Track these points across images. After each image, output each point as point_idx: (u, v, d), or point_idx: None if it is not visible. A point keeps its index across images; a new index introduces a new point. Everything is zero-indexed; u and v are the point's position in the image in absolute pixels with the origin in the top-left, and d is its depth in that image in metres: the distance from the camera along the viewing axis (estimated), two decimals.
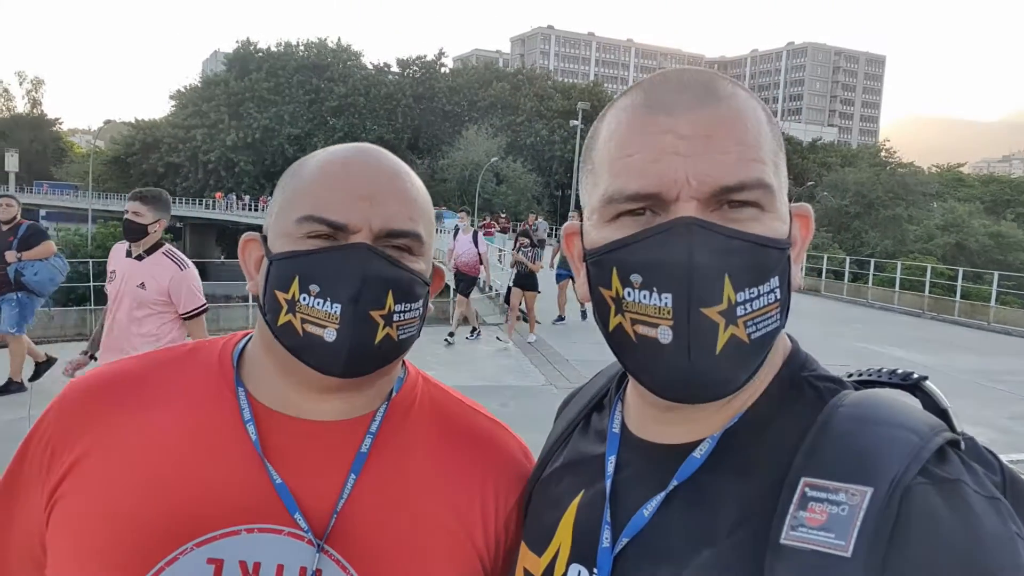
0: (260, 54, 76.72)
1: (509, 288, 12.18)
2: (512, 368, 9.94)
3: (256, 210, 62.50)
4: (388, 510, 0.86)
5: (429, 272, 0.90)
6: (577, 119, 50.08)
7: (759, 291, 0.68)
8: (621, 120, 0.74)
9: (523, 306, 11.86)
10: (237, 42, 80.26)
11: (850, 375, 0.77)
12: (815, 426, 0.66)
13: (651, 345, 0.68)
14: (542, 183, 67.05)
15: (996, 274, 19.48)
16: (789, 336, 0.78)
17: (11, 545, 0.91)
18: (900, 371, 0.74)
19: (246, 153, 70.02)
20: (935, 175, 62.91)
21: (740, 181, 0.68)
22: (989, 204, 46.00)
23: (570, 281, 12.17)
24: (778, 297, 0.70)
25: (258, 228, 0.92)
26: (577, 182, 0.84)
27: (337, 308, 0.80)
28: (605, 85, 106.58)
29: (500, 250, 23.48)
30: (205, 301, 4.38)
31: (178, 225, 70.45)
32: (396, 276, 0.83)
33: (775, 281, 0.69)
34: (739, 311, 0.67)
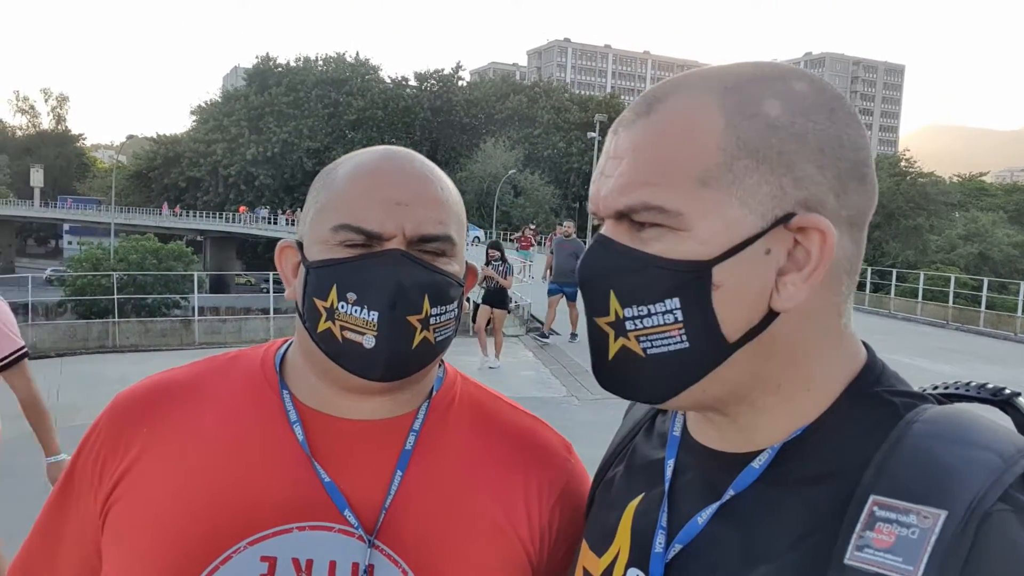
0: (280, 69, 77.47)
1: (476, 305, 10.93)
2: (534, 380, 9.92)
3: (275, 223, 63.00)
4: (435, 505, 0.88)
5: (463, 272, 0.92)
6: (595, 131, 50.11)
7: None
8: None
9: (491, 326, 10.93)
10: (257, 57, 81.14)
11: (935, 387, 0.73)
12: (887, 442, 0.62)
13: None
14: (560, 195, 67.09)
15: (1023, 284, 19.22)
16: (867, 346, 0.73)
17: (62, 555, 0.93)
18: (990, 385, 0.70)
19: (266, 167, 70.57)
20: (956, 185, 62.32)
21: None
22: (1013, 213, 45.46)
23: (563, 296, 11.98)
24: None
25: (277, 241, 0.95)
26: None
27: (375, 315, 0.82)
28: (622, 97, 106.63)
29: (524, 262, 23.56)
30: (23, 344, 3.22)
31: (199, 239, 71.15)
32: (431, 280, 0.85)
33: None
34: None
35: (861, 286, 24.82)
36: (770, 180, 0.65)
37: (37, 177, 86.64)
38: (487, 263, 10.81)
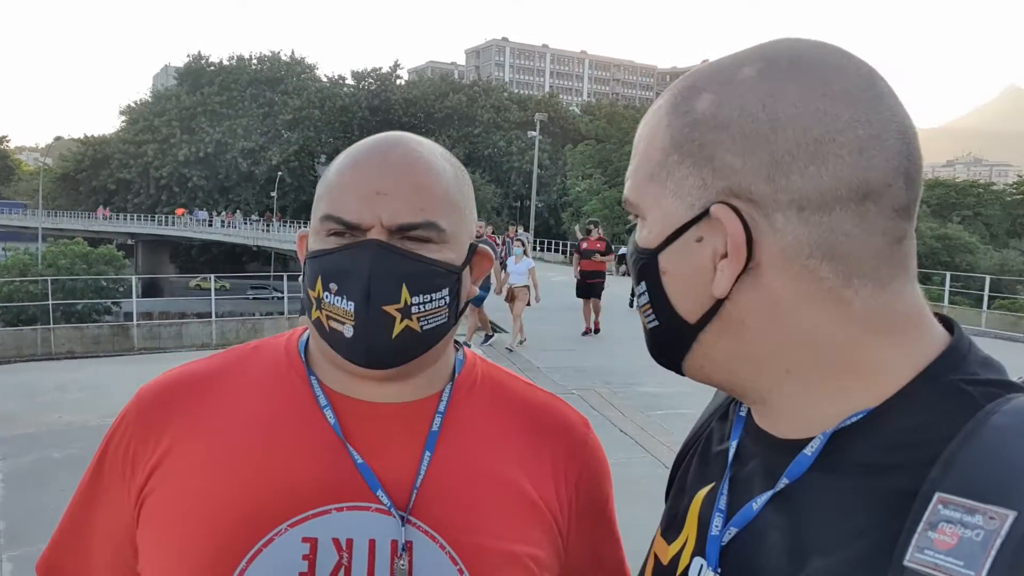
0: (212, 68, 75.91)
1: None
2: None
3: (211, 226, 61.58)
4: (465, 481, 0.90)
5: (462, 258, 0.91)
6: (535, 130, 50.35)
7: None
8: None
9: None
10: (188, 56, 79.14)
11: None
12: (960, 433, 0.58)
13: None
14: (501, 194, 67.21)
15: (948, 275, 20.03)
16: (956, 331, 0.69)
17: (94, 549, 0.94)
18: None
19: (199, 168, 69.01)
20: None
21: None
22: (935, 207, 47.16)
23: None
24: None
25: (214, 244, 0.97)
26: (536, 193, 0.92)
27: (351, 305, 0.84)
28: (560, 96, 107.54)
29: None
30: None
31: (130, 242, 69.10)
32: (410, 269, 0.86)
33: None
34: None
35: None
36: (694, 173, 0.67)
37: None
38: None
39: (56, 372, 10.78)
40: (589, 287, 13.16)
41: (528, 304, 11.80)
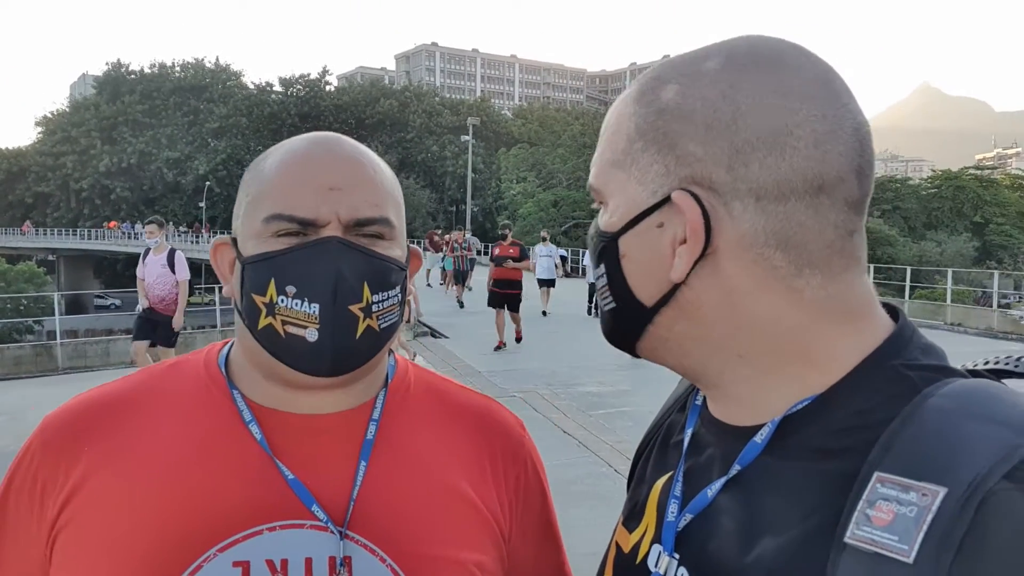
0: (133, 76, 73.85)
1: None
2: None
3: (136, 238, 59.70)
4: (403, 490, 0.87)
5: (405, 256, 0.90)
6: (468, 134, 50.33)
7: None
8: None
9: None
10: (107, 64, 76.86)
11: (985, 363, 0.72)
12: (899, 416, 0.60)
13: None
14: (436, 199, 67.02)
15: (872, 267, 20.73)
16: (899, 317, 0.71)
17: None
18: None
19: (122, 179, 66.97)
20: None
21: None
22: None
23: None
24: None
25: (137, 257, 0.91)
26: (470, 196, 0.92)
27: (316, 308, 0.80)
28: (492, 100, 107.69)
29: (428, 270, 23.12)
30: None
31: (51, 258, 66.51)
32: (370, 267, 0.83)
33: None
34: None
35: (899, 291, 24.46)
36: (658, 160, 0.69)
37: None
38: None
39: None
40: (501, 297, 12.01)
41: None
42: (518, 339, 12.41)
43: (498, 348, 11.85)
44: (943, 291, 22.15)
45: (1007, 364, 0.70)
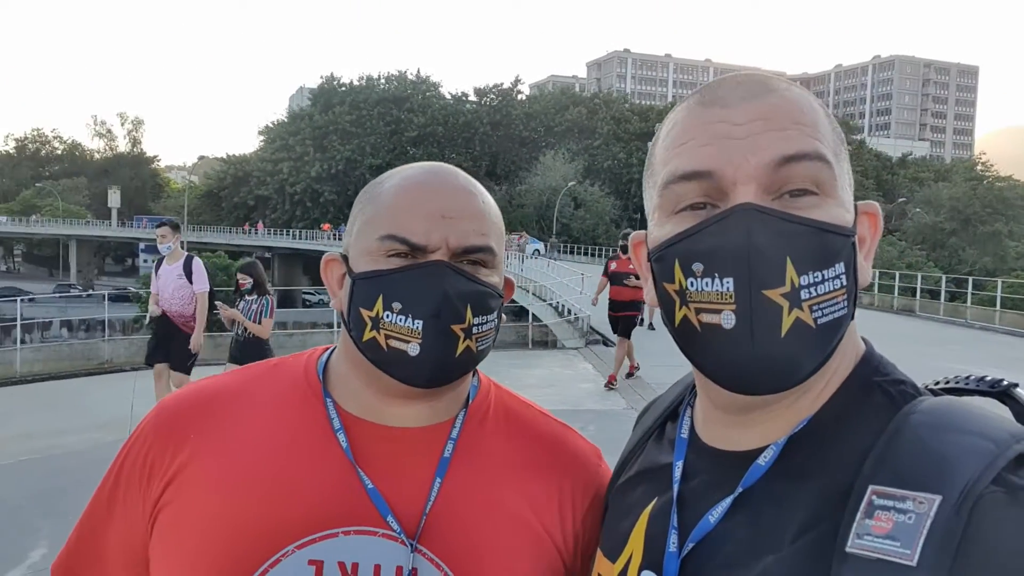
0: (343, 88, 79.12)
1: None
2: (593, 392, 9.84)
3: (340, 239, 63.87)
4: (474, 510, 0.90)
5: (502, 284, 0.94)
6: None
7: (823, 275, 0.67)
8: (676, 120, 0.76)
9: None
10: (321, 77, 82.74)
11: (936, 383, 0.75)
12: (886, 433, 0.65)
13: (715, 332, 0.68)
14: (620, 206, 66.72)
15: None
16: (865, 340, 0.76)
17: (108, 556, 0.95)
18: (988, 378, 0.72)
19: (330, 184, 71.97)
20: None
21: (799, 150, 0.68)
22: None
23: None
24: (844, 284, 0.69)
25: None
26: (642, 193, 0.85)
27: (419, 324, 0.84)
28: None
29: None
30: None
31: (267, 255, 72.96)
32: (474, 291, 0.87)
33: (840, 267, 0.68)
34: (803, 294, 0.66)
35: (935, 295, 24.03)
36: (847, 165, 0.74)
37: (114, 198, 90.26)
38: (237, 297, 7.50)
39: (194, 378, 11.45)
40: (617, 321, 10.15)
41: None
42: (629, 374, 10.38)
43: (608, 385, 9.91)
44: None
45: (957, 383, 0.73)
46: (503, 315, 0.95)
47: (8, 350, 13.09)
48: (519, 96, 80.00)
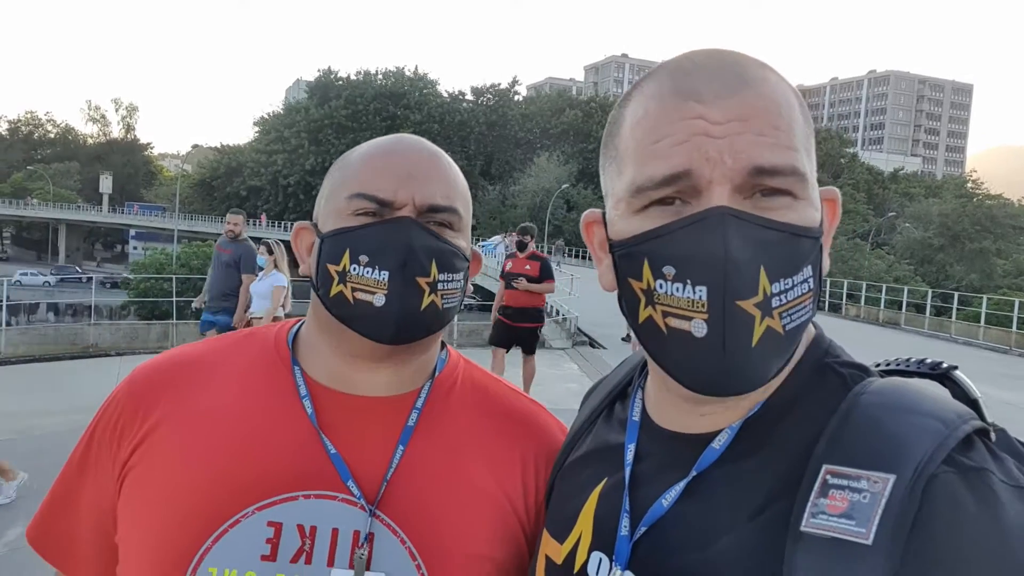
0: (340, 82, 78.80)
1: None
2: (577, 392, 9.85)
3: None
4: (435, 479, 0.92)
5: (468, 252, 0.96)
6: None
7: (793, 281, 0.66)
8: (648, 108, 0.72)
9: None
10: (319, 71, 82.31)
11: (877, 365, 0.75)
12: (838, 413, 0.65)
13: (684, 338, 0.67)
14: None
15: None
16: (814, 323, 0.75)
17: (81, 517, 0.97)
18: (929, 360, 0.73)
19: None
20: None
21: (774, 165, 0.66)
22: None
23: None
24: (811, 287, 0.68)
25: None
26: (599, 167, 0.82)
27: (385, 275, 0.87)
28: None
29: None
30: None
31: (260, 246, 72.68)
32: (439, 247, 0.90)
33: (808, 271, 0.68)
34: (774, 302, 0.65)
35: (921, 309, 24.23)
36: (814, 155, 0.72)
37: (106, 184, 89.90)
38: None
39: None
40: (509, 332, 8.14)
41: None
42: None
43: None
44: None
45: (899, 365, 0.74)
46: (470, 285, 0.97)
47: None
48: (516, 97, 79.88)
